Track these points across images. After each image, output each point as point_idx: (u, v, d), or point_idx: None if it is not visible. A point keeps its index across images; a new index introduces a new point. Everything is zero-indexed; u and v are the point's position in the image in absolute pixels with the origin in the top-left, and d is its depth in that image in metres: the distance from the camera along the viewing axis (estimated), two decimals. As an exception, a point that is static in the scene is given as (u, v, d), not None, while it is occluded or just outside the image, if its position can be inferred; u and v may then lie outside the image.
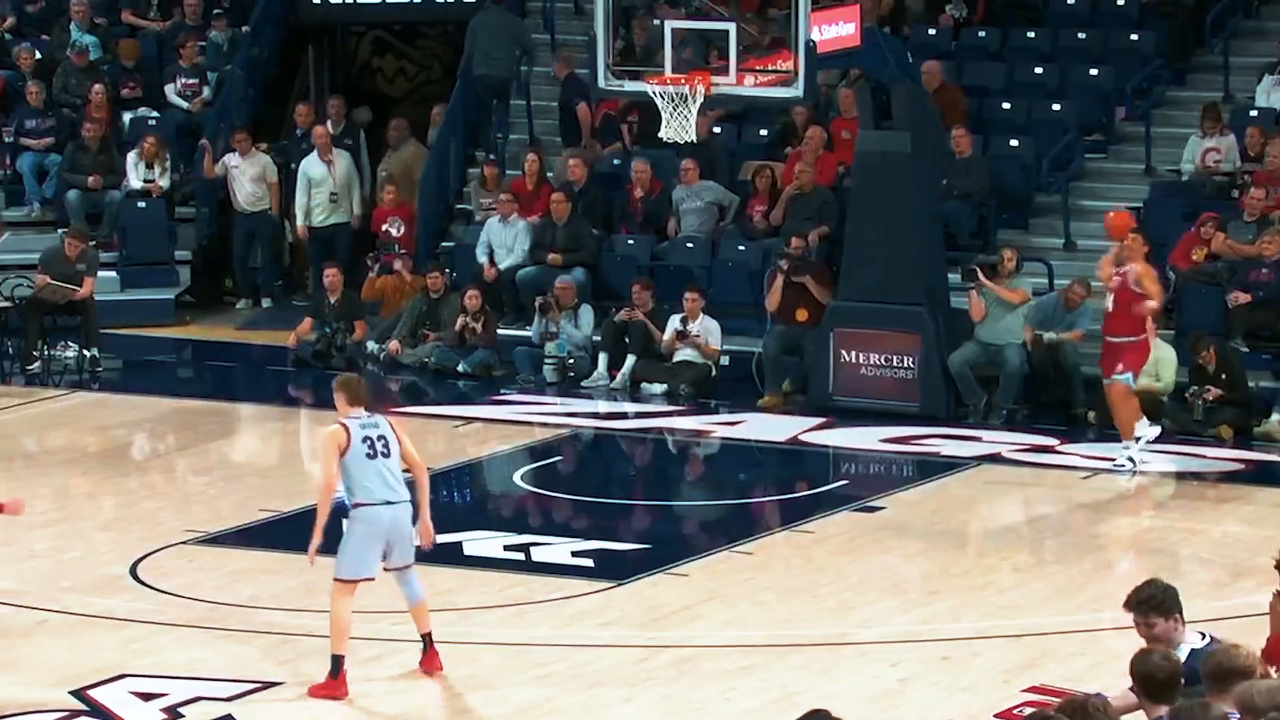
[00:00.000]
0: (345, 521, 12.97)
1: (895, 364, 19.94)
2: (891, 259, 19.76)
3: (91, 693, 13.07)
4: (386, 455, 12.92)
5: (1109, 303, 17.97)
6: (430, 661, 13.23)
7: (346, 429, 12.86)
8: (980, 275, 20.03)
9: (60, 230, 22.70)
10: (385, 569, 12.99)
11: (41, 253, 22.14)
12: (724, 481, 19.37)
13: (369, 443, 12.87)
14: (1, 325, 21.71)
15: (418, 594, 13.16)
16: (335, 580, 12.91)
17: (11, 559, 16.08)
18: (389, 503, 12.92)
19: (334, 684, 12.92)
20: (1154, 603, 9.12)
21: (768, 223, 21.89)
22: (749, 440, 19.62)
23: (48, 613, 14.56)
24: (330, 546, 12.95)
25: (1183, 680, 8.38)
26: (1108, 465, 18.21)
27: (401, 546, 13.01)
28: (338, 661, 12.91)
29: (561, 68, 23.63)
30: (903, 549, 16.37)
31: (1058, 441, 19.05)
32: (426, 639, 13.24)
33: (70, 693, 13.06)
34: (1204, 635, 9.20)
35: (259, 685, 13.08)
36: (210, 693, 12.97)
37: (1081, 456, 18.64)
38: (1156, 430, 18.13)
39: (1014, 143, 22.24)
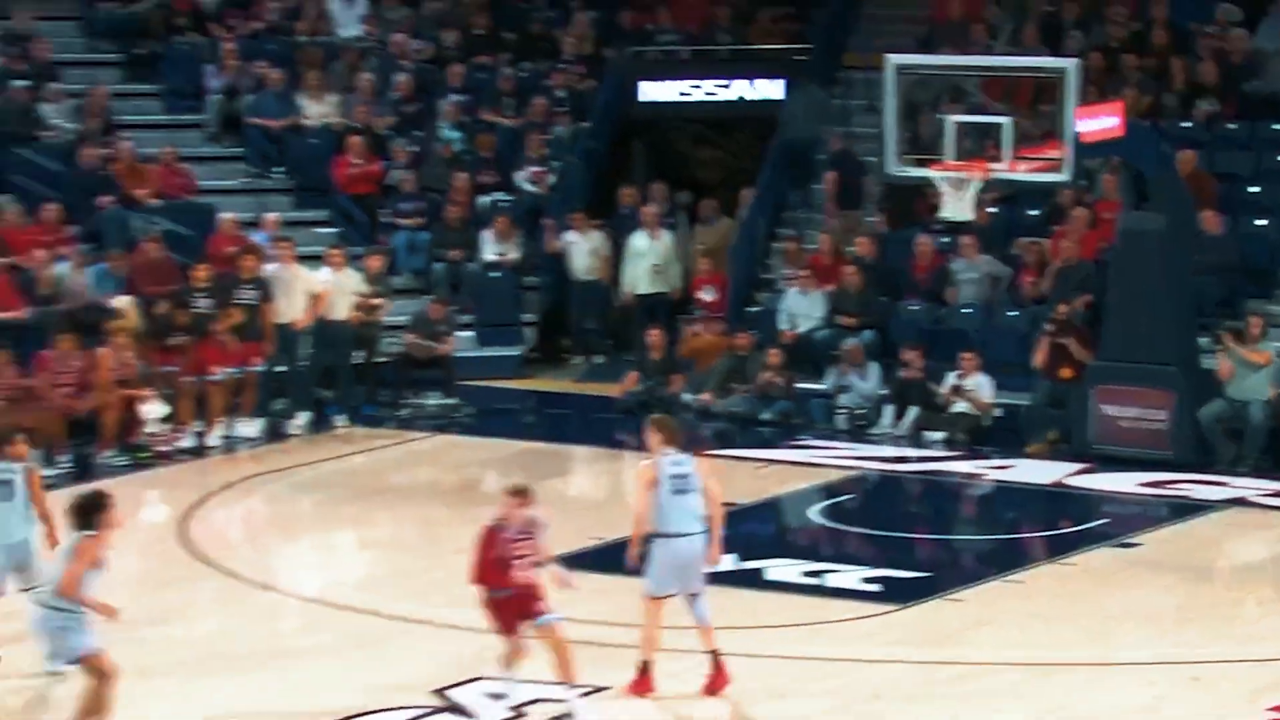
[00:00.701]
0: (651, 546, 12.96)
1: (1150, 417, 19.57)
2: (1148, 324, 19.45)
3: (449, 692, 13.22)
4: (691, 492, 12.91)
5: None
6: (718, 677, 13.03)
7: (658, 466, 12.88)
8: (1228, 339, 19.60)
9: (427, 297, 23.10)
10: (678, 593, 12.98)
11: (411, 316, 22.55)
12: (996, 519, 19.13)
13: (676, 480, 12.87)
14: (378, 378, 22.10)
15: (705, 617, 13.04)
16: (645, 597, 12.95)
17: (389, 578, 16.39)
18: (689, 534, 12.89)
19: (641, 683, 12.93)
20: None
21: (1036, 292, 21.64)
22: (1018, 483, 19.36)
23: (416, 623, 14.77)
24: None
25: None
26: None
27: (695, 574, 12.95)
28: (645, 667, 12.92)
29: (836, 142, 23.73)
30: (1157, 582, 16.02)
31: (1299, 488, 18.59)
32: (714, 655, 13.07)
33: (432, 691, 13.23)
34: None
35: (590, 689, 13.10)
36: (549, 695, 13.03)
37: (1321, 502, 18.17)
38: None
39: (1260, 222, 21.74)
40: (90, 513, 11.81)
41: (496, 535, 12.59)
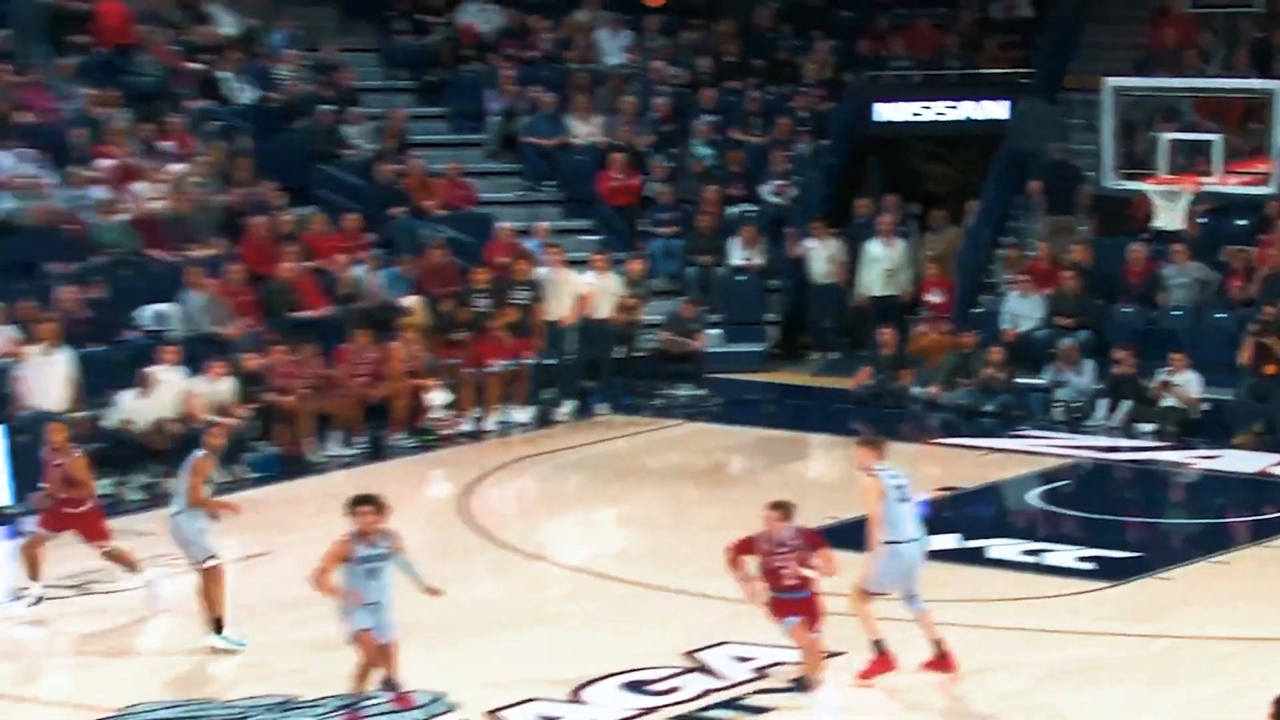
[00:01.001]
0: (880, 547, 12.57)
1: (1352, 412, 18.98)
2: (1351, 325, 18.87)
3: (699, 655, 13.20)
4: (909, 500, 12.61)
5: None
6: (944, 663, 12.67)
7: (880, 480, 12.54)
8: None
9: (680, 298, 23.14)
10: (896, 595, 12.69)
11: (666, 315, 22.60)
12: (1203, 504, 18.66)
13: (897, 489, 12.54)
14: (636, 371, 22.17)
15: (921, 607, 12.69)
16: (858, 588, 12.55)
17: (645, 551, 16.44)
18: (914, 540, 12.58)
19: (881, 662, 12.61)
20: None
21: (1244, 295, 21.07)
22: (1224, 471, 18.85)
23: (669, 592, 14.79)
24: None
25: None
26: None
27: (915, 577, 12.61)
28: (877, 645, 12.58)
29: (1055, 152, 23.29)
30: (1358, 564, 15.54)
31: None
32: (938, 645, 12.71)
33: (683, 654, 13.22)
34: None
35: (827, 654, 12.96)
36: (788, 658, 12.94)
37: None
38: None
39: None
40: (348, 513, 11.85)
41: (753, 543, 12.21)
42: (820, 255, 23.81)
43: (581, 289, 21.60)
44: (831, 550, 12.21)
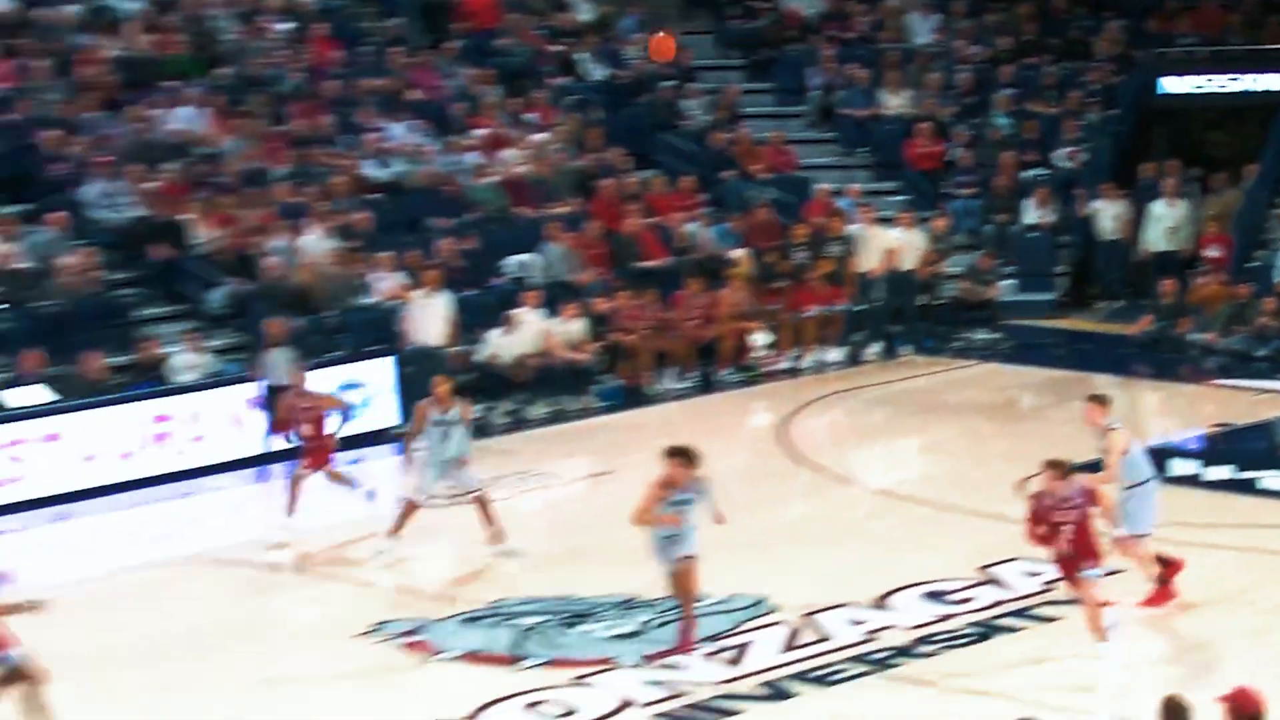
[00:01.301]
0: (1128, 495, 12.13)
1: None
2: None
3: (991, 569, 13.03)
4: (1139, 444, 12.20)
5: None
6: (1172, 566, 12.26)
7: (1124, 433, 12.16)
8: None
9: (978, 251, 22.75)
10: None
11: (965, 267, 22.26)
12: None
13: (1134, 440, 12.19)
14: (937, 316, 21.90)
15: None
16: (1125, 539, 12.06)
17: (943, 476, 16.28)
18: (1154, 478, 12.21)
19: (1161, 593, 12.22)
20: None
21: None
22: None
23: (965, 513, 14.59)
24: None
25: None
26: None
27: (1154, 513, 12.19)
28: (1159, 576, 12.18)
29: None
30: None
31: None
32: (1158, 558, 12.24)
33: (977, 568, 13.08)
34: None
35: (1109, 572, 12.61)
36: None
37: None
38: None
39: None
40: (664, 459, 11.42)
41: (1037, 502, 11.64)
42: (1107, 214, 23.17)
43: (889, 244, 21.40)
44: (1109, 499, 11.66)
